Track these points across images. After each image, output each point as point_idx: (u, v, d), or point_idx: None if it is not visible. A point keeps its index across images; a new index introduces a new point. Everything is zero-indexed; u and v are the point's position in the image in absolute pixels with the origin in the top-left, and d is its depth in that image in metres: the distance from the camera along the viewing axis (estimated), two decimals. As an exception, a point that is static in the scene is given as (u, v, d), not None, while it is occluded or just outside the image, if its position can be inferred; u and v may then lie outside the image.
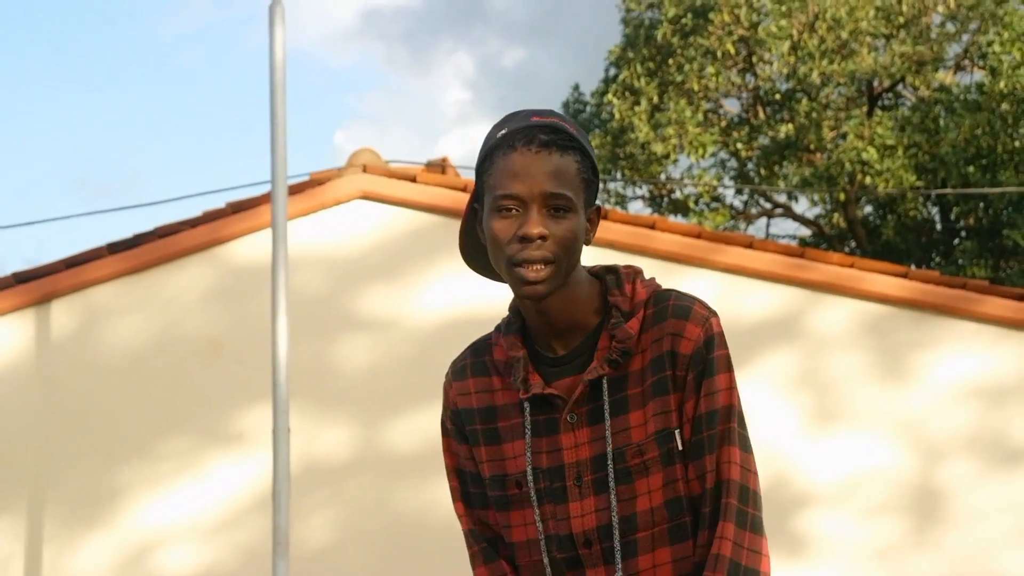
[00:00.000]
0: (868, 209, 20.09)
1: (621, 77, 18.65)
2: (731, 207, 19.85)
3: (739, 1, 17.68)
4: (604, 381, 2.04)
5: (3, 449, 7.73)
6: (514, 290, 2.02)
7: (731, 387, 2.06)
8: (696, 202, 19.41)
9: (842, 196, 18.27)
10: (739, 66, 18.87)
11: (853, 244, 19.31)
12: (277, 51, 6.51)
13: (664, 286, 2.16)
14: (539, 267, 1.97)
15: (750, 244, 8.21)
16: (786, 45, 17.58)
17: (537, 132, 1.99)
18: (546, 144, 1.98)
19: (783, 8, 17.47)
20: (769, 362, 8.10)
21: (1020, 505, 8.00)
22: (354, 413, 7.77)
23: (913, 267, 18.18)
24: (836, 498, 7.99)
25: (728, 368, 2.07)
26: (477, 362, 2.16)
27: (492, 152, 2.01)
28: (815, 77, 17.54)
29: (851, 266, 8.19)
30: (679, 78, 18.20)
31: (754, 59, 18.59)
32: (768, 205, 20.34)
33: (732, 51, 18.04)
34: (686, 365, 2.03)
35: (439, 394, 2.32)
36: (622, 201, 19.81)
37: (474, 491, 2.15)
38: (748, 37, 17.94)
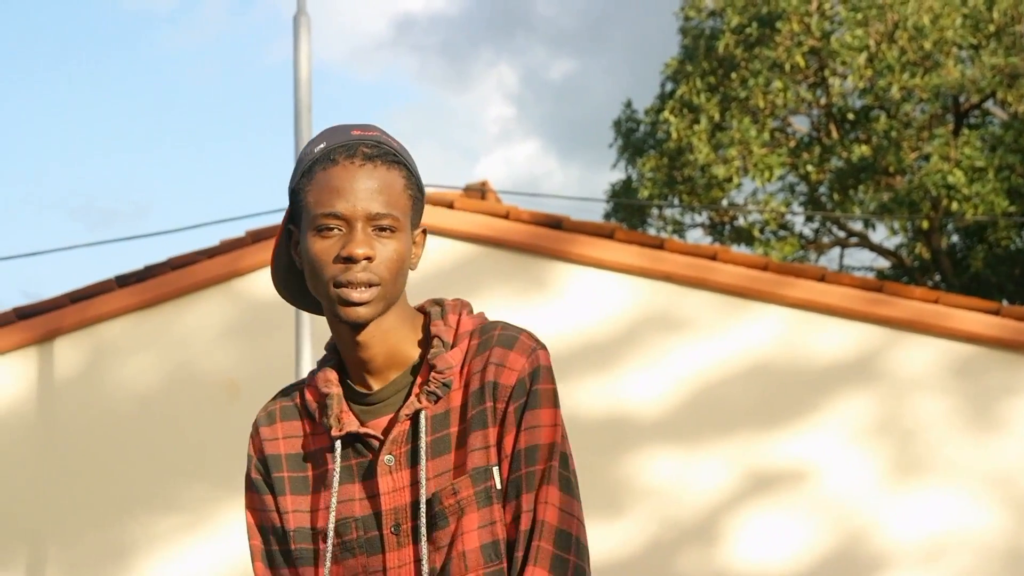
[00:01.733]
0: (955, 238, 19.99)
1: (679, 93, 18.68)
2: (801, 236, 19.80)
3: (810, 9, 17.69)
4: (422, 417, 2.03)
5: (2, 500, 7.80)
6: (332, 315, 2.03)
7: (556, 424, 2.04)
8: (762, 230, 19.37)
9: (925, 224, 18.19)
10: (809, 80, 18.86)
11: (938, 277, 19.21)
12: (302, 67, 6.59)
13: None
14: (363, 289, 1.99)
15: (822, 277, 8.20)
16: (862, 57, 17.56)
17: (359, 145, 2.01)
18: (370, 158, 2.01)
19: (859, 16, 17.46)
20: (843, 407, 8.06)
21: None
22: (385, 462, 7.79)
23: (1005, 303, 18.05)
24: (919, 562, 7.93)
25: (554, 404, 2.06)
26: (286, 406, 2.17)
27: (311, 168, 2.03)
28: (895, 92, 17.51)
29: (936, 301, 8.16)
30: (743, 94, 18.21)
31: (826, 72, 18.57)
32: (842, 234, 20.28)
33: (802, 64, 18.03)
34: (507, 397, 2.03)
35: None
36: (680, 229, 19.82)
37: (276, 549, 2.13)
38: (820, 48, 17.94)
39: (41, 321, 7.76)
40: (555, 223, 8.15)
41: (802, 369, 8.08)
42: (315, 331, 6.63)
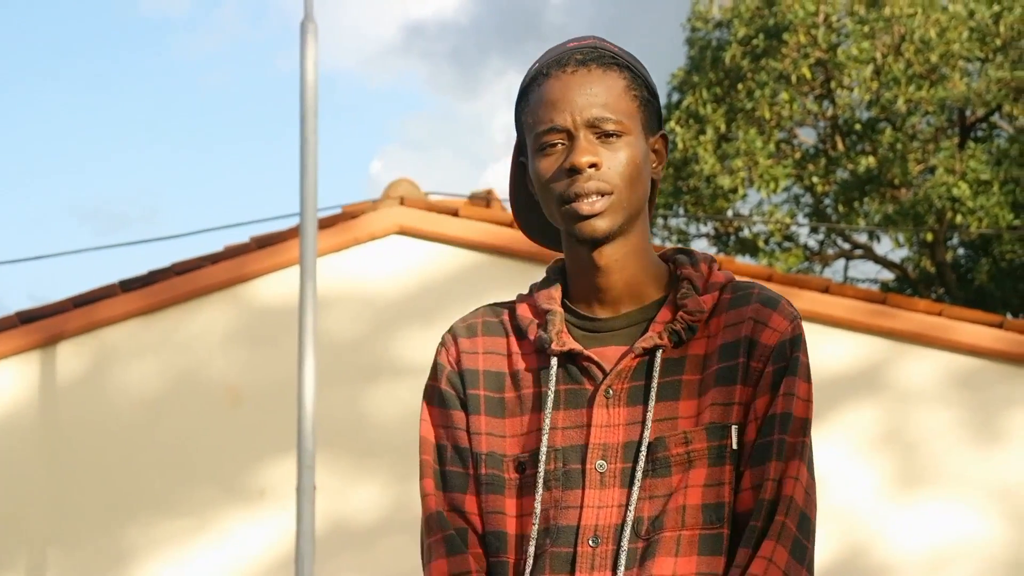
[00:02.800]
0: (959, 251, 19.97)
1: (685, 103, 18.68)
2: (805, 247, 19.78)
3: (816, 21, 17.69)
4: (659, 355, 1.85)
5: (4, 505, 7.79)
6: (569, 236, 1.88)
7: (809, 400, 1.89)
8: (767, 241, 19.36)
9: (930, 236, 18.17)
10: (816, 92, 18.86)
11: (942, 290, 19.19)
12: (308, 72, 6.59)
13: None
14: (594, 199, 1.83)
15: (827, 288, 8.19)
16: (868, 69, 17.56)
17: (572, 54, 1.88)
18: (583, 63, 1.86)
19: (865, 29, 17.46)
20: (847, 419, 8.05)
21: None
22: (387, 469, 7.78)
23: (1009, 316, 18.03)
24: (922, 573, 7.91)
25: (809, 380, 1.90)
26: (490, 321, 1.97)
27: (526, 90, 1.91)
28: (900, 105, 17.50)
29: (940, 314, 8.15)
30: (749, 105, 18.21)
31: (832, 84, 18.57)
32: (847, 246, 20.27)
33: (808, 76, 18.03)
34: (767, 357, 1.86)
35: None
36: (684, 239, 19.81)
37: (453, 470, 1.94)
38: (826, 60, 17.94)
39: (44, 325, 7.76)
40: (560, 232, 8.14)
41: (805, 380, 8.06)
42: (319, 339, 6.62)
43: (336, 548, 7.60)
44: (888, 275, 20.58)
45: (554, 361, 1.87)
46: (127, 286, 7.84)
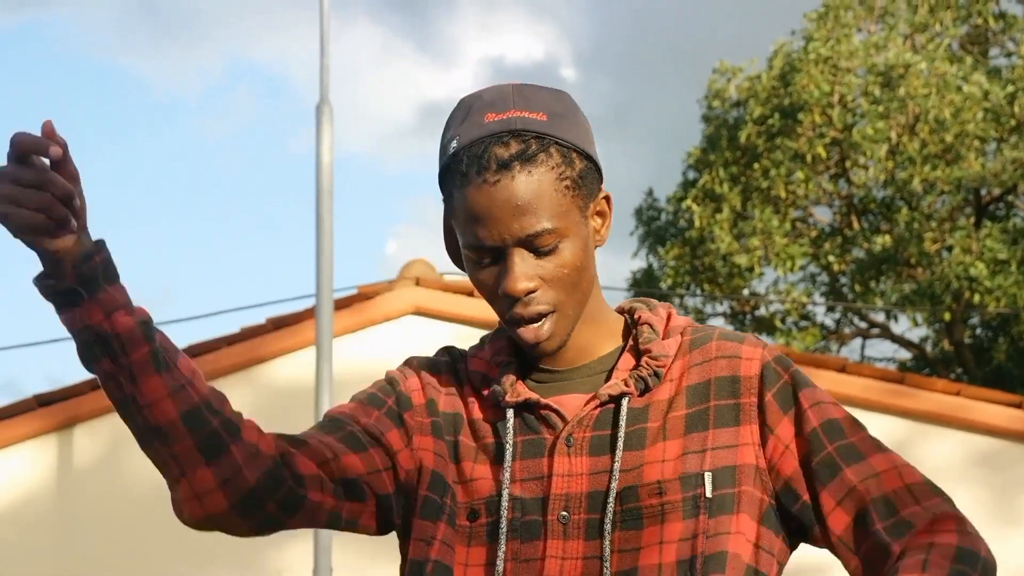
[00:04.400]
0: (977, 331, 19.92)
1: (701, 181, 18.75)
2: (822, 326, 19.75)
3: (832, 101, 17.78)
4: (625, 403, 1.73)
5: (18, 586, 7.77)
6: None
7: (836, 402, 1.77)
8: (783, 320, 19.34)
9: (947, 316, 18.13)
10: (831, 171, 18.92)
11: (960, 370, 19.13)
12: (324, 154, 6.65)
13: None
14: (538, 323, 1.71)
15: (843, 368, 8.17)
16: (883, 149, 17.62)
17: (492, 149, 1.68)
18: (505, 166, 1.66)
19: (880, 109, 17.54)
20: (866, 500, 8.01)
21: None
22: (403, 552, 7.75)
23: (1028, 395, 17.94)
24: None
25: (822, 390, 1.78)
26: (451, 365, 1.85)
27: (447, 174, 1.73)
28: (916, 184, 17.54)
29: (958, 394, 8.12)
30: (765, 184, 18.28)
31: (848, 164, 18.63)
32: (863, 325, 20.24)
33: (823, 155, 18.10)
34: (756, 388, 1.74)
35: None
36: (701, 319, 19.80)
37: (369, 422, 1.79)
38: (841, 140, 18.01)
39: (61, 408, 7.77)
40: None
41: (823, 461, 8.03)
42: (334, 419, 6.64)
43: (351, 631, 7.55)
44: (906, 354, 20.52)
45: (510, 412, 1.75)
46: (143, 367, 7.85)
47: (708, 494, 1.70)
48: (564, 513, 1.71)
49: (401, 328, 8.08)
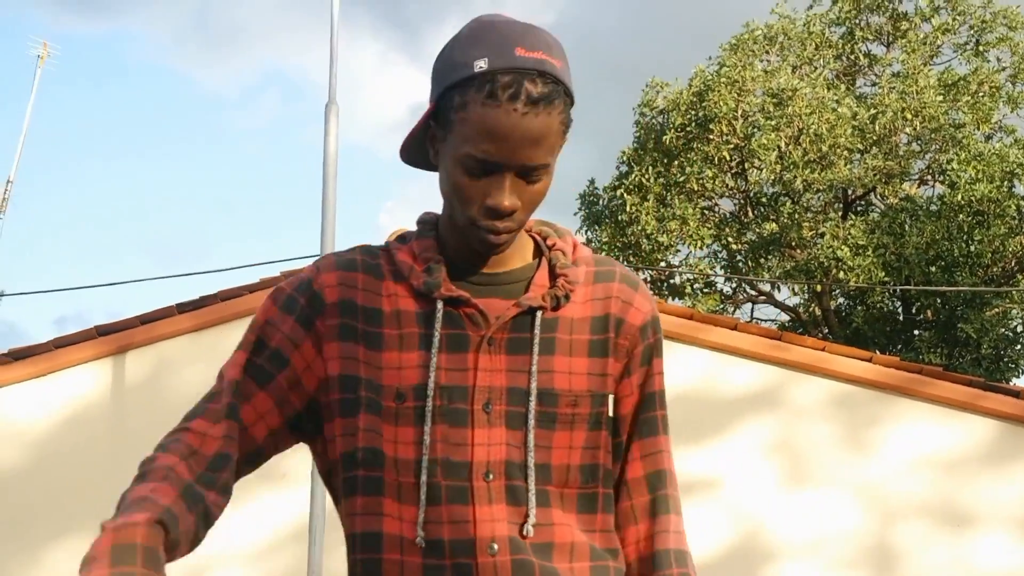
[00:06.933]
0: (841, 300, 19.99)
1: (632, 175, 18.69)
2: (721, 293, 19.78)
3: (736, 115, 17.75)
4: (539, 315, 1.59)
5: (81, 484, 7.69)
6: (464, 233, 1.59)
7: (663, 373, 1.71)
8: (692, 287, 19.36)
9: (818, 288, 18.19)
10: (733, 171, 18.91)
11: (826, 330, 19.20)
12: (330, 146, 6.55)
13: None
14: (503, 236, 1.57)
15: (735, 326, 8.16)
16: (774, 155, 17.61)
17: (525, 83, 1.50)
18: (534, 102, 1.49)
19: (772, 123, 17.53)
20: (750, 430, 8.01)
21: (964, 564, 7.85)
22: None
23: (877, 352, 18.03)
24: (804, 553, 7.86)
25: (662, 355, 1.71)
26: (368, 262, 1.64)
27: (466, 86, 1.52)
28: (798, 184, 17.55)
29: (823, 349, 8.13)
30: (682, 179, 18.24)
31: (746, 165, 18.62)
32: (754, 292, 20.27)
33: (728, 158, 18.08)
34: (634, 336, 1.65)
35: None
36: (627, 283, 19.74)
37: (261, 364, 1.62)
38: (742, 146, 17.99)
39: (115, 338, 7.67)
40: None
41: (717, 399, 8.03)
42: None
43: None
44: (785, 317, 20.58)
45: (440, 304, 1.58)
46: (183, 308, 7.77)
47: (610, 414, 1.64)
48: (487, 403, 1.57)
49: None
